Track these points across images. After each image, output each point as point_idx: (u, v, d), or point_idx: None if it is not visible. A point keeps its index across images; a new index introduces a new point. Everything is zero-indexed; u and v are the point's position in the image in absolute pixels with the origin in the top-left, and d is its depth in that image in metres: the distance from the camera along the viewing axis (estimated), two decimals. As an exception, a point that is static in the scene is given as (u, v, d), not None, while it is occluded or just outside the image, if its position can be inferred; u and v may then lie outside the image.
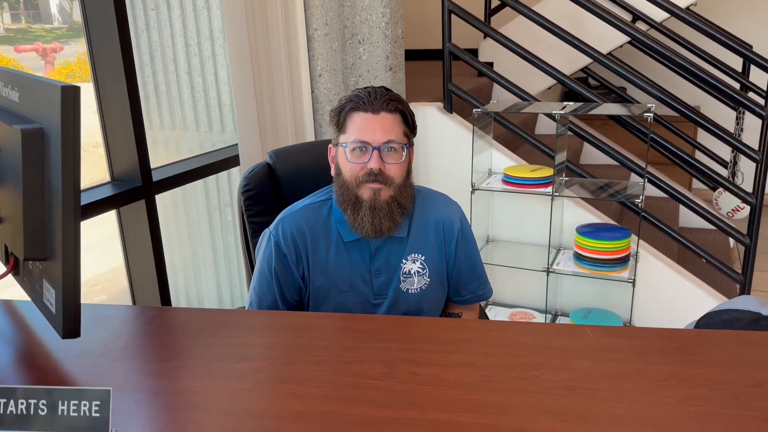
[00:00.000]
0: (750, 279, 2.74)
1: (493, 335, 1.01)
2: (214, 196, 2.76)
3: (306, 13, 2.57)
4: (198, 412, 0.83)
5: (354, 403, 0.83)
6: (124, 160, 2.15)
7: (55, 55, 2.59)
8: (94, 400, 0.79)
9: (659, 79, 3.75)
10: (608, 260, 2.57)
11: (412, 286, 1.48)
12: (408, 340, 1.01)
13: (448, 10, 2.78)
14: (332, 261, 1.47)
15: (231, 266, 2.85)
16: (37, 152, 0.89)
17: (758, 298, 1.16)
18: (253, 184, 1.83)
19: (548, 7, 3.45)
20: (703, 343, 0.94)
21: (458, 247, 1.53)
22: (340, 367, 0.93)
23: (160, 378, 0.91)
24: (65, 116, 0.83)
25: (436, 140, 2.89)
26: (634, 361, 0.90)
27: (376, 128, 1.38)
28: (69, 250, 0.88)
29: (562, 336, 0.99)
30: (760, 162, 2.62)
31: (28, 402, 0.80)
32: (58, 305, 0.90)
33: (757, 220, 2.68)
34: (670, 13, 2.88)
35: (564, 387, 0.85)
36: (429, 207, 1.54)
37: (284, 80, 2.49)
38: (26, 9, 2.52)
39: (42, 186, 0.90)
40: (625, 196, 2.55)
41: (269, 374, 0.92)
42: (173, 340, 1.04)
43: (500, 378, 0.88)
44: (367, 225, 1.38)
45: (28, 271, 1.03)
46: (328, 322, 1.12)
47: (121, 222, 2.24)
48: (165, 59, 2.56)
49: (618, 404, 0.81)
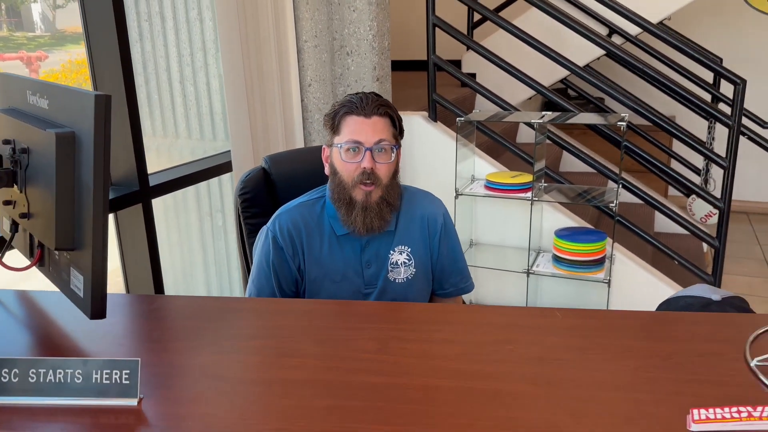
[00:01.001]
0: (720, 280, 2.89)
1: (473, 317, 1.14)
2: (206, 202, 2.86)
3: (296, 25, 2.68)
4: (215, 381, 0.94)
5: (352, 373, 0.95)
6: (122, 165, 2.24)
7: (39, 64, 2.64)
8: (124, 369, 0.90)
9: (637, 90, 3.91)
10: (584, 262, 2.71)
11: (399, 276, 1.60)
12: (398, 321, 1.13)
13: (432, 24, 2.92)
14: (326, 253, 1.58)
15: (221, 270, 2.94)
16: (70, 154, 1.00)
17: (710, 286, 1.30)
18: (249, 187, 1.93)
19: (530, 20, 3.60)
20: (657, 322, 1.07)
21: (441, 241, 1.66)
22: (339, 344, 1.05)
23: (179, 354, 1.02)
24: (98, 121, 0.94)
25: (422, 147, 3.02)
26: (596, 337, 1.03)
27: (368, 130, 1.51)
28: (99, 240, 0.98)
29: (533, 317, 1.11)
30: (727, 168, 2.77)
31: (66, 371, 0.90)
32: (86, 290, 1.01)
33: (726, 223, 2.84)
34: (642, 28, 3.04)
35: (534, 358, 0.97)
36: (415, 203, 1.67)
37: (275, 90, 2.60)
38: (8, 17, 2.57)
39: (73, 183, 1.01)
40: (601, 201, 2.70)
41: (276, 350, 1.03)
42: (188, 323, 1.15)
43: (478, 351, 1.00)
44: (359, 224, 1.51)
45: (54, 261, 1.13)
46: (327, 307, 1.24)
47: (119, 225, 2.34)
48: (158, 69, 2.65)
49: (581, 371, 0.94)
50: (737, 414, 0.81)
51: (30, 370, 0.91)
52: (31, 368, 0.91)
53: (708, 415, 0.81)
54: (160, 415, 0.87)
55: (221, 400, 0.89)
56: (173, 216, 2.79)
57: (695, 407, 0.82)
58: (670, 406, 0.84)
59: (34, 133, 1.06)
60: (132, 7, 2.58)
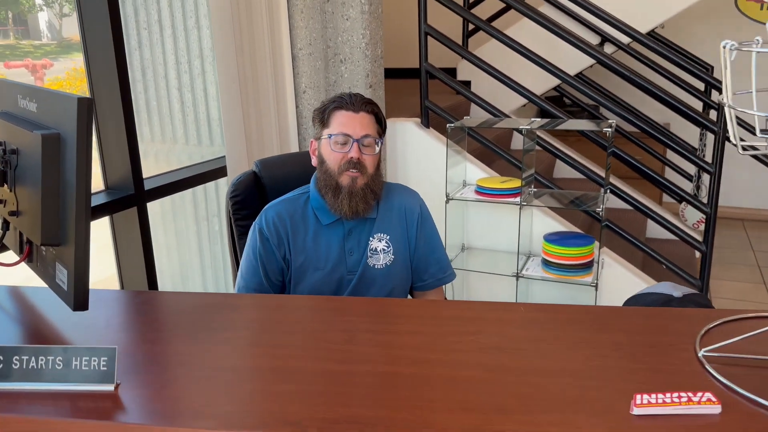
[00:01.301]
0: (707, 284, 2.93)
1: (440, 311, 1.19)
2: (202, 207, 2.92)
3: (291, 33, 2.75)
4: (188, 368, 0.99)
5: (319, 361, 1.00)
6: (118, 170, 2.30)
7: (44, 71, 2.69)
8: (102, 357, 0.95)
9: (632, 98, 3.96)
10: (573, 266, 2.75)
11: (378, 262, 1.69)
12: (369, 315, 1.19)
13: (425, 32, 2.98)
14: (310, 242, 1.68)
15: (218, 274, 2.99)
16: (55, 153, 1.05)
17: (674, 284, 1.34)
18: (240, 190, 2.00)
19: (524, 28, 3.65)
20: (613, 316, 1.12)
21: (419, 230, 1.76)
22: (309, 335, 1.10)
23: (155, 344, 1.07)
24: (80, 123, 1.00)
25: (414, 153, 3.08)
26: (554, 329, 1.08)
27: (356, 124, 1.62)
28: (81, 235, 1.04)
29: (498, 311, 1.16)
30: (713, 174, 2.82)
31: (47, 358, 0.96)
32: (69, 283, 1.06)
33: (712, 228, 2.87)
34: (631, 37, 3.09)
35: (494, 347, 1.02)
36: (394, 195, 1.78)
37: (270, 97, 2.66)
38: (15, 25, 2.62)
39: (58, 182, 1.07)
40: (589, 206, 2.74)
41: (248, 340, 1.08)
42: (166, 316, 1.20)
43: (441, 341, 1.05)
44: (345, 207, 1.62)
45: (41, 257, 1.19)
46: (300, 302, 1.30)
47: (114, 228, 2.40)
48: (156, 76, 2.72)
49: (536, 360, 0.98)
50: (678, 399, 0.86)
51: (14, 357, 0.96)
52: (15, 355, 0.96)
53: (650, 399, 0.86)
54: (134, 399, 0.92)
55: (191, 385, 0.94)
56: (170, 220, 2.84)
57: (640, 393, 0.87)
58: (615, 392, 0.89)
59: (22, 134, 1.12)
60: (132, 16, 2.65)
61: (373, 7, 2.81)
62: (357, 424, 0.83)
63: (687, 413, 0.84)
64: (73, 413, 0.89)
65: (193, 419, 0.86)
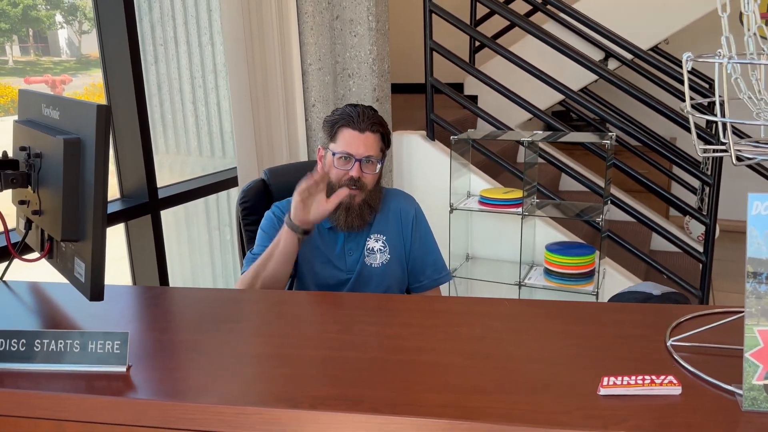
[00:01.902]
0: (707, 294, 2.97)
1: (431, 306, 1.27)
2: (214, 217, 3.02)
3: (301, 49, 2.86)
4: (194, 353, 1.07)
5: (313, 349, 1.08)
6: (133, 178, 2.41)
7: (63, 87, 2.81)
8: (115, 341, 1.04)
9: (637, 112, 4.01)
10: (574, 275, 2.81)
11: (375, 261, 1.78)
12: (363, 308, 1.27)
13: (430, 48, 3.08)
14: (315, 238, 1.78)
15: (229, 282, 3.08)
16: (75, 156, 1.15)
17: (655, 284, 1.41)
18: (249, 197, 2.09)
19: (529, 43, 3.74)
20: (592, 311, 1.19)
21: (414, 231, 1.85)
22: (306, 326, 1.19)
23: (164, 332, 1.16)
24: (99, 128, 1.10)
25: (420, 164, 3.17)
26: (535, 322, 1.15)
27: (360, 144, 1.70)
28: (98, 231, 1.13)
29: (484, 306, 1.24)
30: (712, 186, 2.88)
31: (65, 342, 1.05)
32: (87, 275, 1.16)
33: (712, 239, 2.93)
34: (632, 53, 3.17)
35: (476, 337, 1.10)
36: (390, 199, 1.87)
37: (280, 110, 2.77)
38: (35, 42, 2.73)
39: (78, 183, 1.16)
40: (590, 217, 2.81)
41: (250, 331, 1.17)
42: (174, 309, 1.30)
43: (428, 332, 1.13)
44: (341, 221, 1.71)
45: (60, 253, 1.29)
46: (300, 297, 1.38)
47: (129, 235, 2.50)
48: (172, 90, 2.84)
49: (515, 349, 1.06)
50: (641, 381, 0.93)
51: (35, 341, 1.05)
52: (36, 339, 1.05)
53: (616, 381, 0.93)
54: (144, 379, 1.00)
55: (197, 369, 1.02)
56: (183, 229, 2.94)
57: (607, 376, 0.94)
58: (585, 376, 0.96)
59: (46, 139, 1.22)
60: (148, 33, 2.77)
61: (380, 24, 2.92)
62: (345, 401, 0.91)
63: (649, 394, 0.91)
64: (89, 390, 0.97)
65: (196, 396, 0.94)
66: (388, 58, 3.05)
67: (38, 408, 0.98)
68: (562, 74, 3.27)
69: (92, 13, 2.33)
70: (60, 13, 2.80)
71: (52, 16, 2.77)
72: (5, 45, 2.48)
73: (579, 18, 3.25)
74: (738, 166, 1.02)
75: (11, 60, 2.56)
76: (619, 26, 3.35)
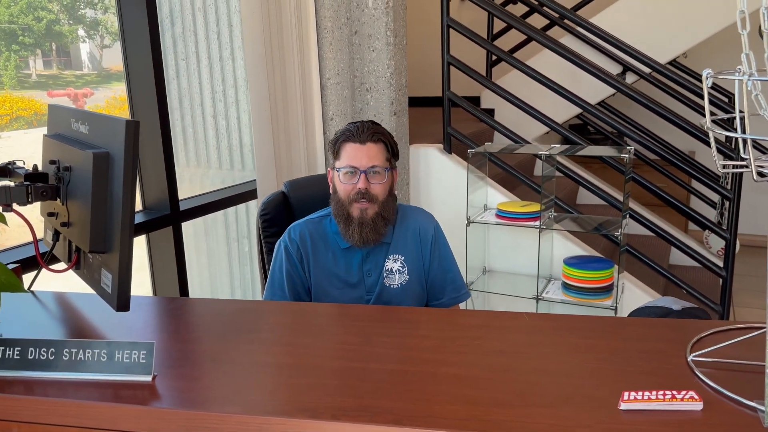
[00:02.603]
0: (727, 309, 2.94)
1: (450, 318, 1.28)
2: (233, 229, 3.05)
3: (320, 64, 2.89)
4: (217, 363, 1.09)
5: (334, 359, 1.10)
6: (155, 191, 2.45)
7: (85, 100, 2.86)
8: (141, 350, 1.06)
9: (656, 126, 4.00)
10: (592, 289, 2.80)
11: (393, 282, 1.77)
12: (385, 321, 1.28)
13: (447, 62, 3.11)
14: (330, 264, 1.76)
15: (246, 293, 3.11)
16: (104, 170, 1.18)
17: (675, 299, 1.41)
18: (269, 209, 2.12)
19: (547, 57, 3.74)
20: (613, 326, 1.19)
21: (433, 250, 1.83)
22: (328, 337, 1.20)
23: (188, 343, 1.18)
24: (128, 142, 1.13)
25: (436, 177, 3.18)
26: (555, 336, 1.16)
27: (362, 156, 1.70)
28: (125, 244, 1.16)
29: (503, 319, 1.25)
30: (732, 200, 2.86)
31: (92, 351, 1.07)
32: (114, 286, 1.18)
33: (732, 253, 2.90)
34: (651, 68, 3.17)
35: (496, 351, 1.11)
36: (409, 217, 1.86)
37: (299, 124, 2.80)
38: (58, 56, 2.78)
39: (106, 196, 1.19)
40: (609, 231, 2.80)
41: (271, 341, 1.19)
42: (197, 319, 1.32)
43: (448, 345, 1.14)
44: (356, 237, 1.69)
45: (88, 264, 1.31)
46: (321, 309, 1.40)
47: (150, 246, 2.54)
48: (193, 104, 2.88)
49: (535, 362, 1.06)
50: (662, 396, 0.93)
51: (63, 350, 1.07)
52: (64, 348, 1.08)
53: (637, 396, 0.93)
54: (169, 389, 1.02)
55: (220, 378, 1.04)
56: (203, 240, 2.98)
57: (628, 391, 0.94)
58: (606, 391, 0.96)
59: (75, 153, 1.25)
60: (170, 48, 2.83)
61: (398, 38, 2.95)
62: (366, 412, 0.92)
63: (670, 409, 0.91)
64: (115, 399, 0.99)
65: (220, 405, 0.96)
66: (405, 72, 3.08)
67: (66, 416, 1.00)
68: (580, 88, 3.28)
69: (113, 27, 2.38)
70: (82, 28, 2.86)
71: (75, 31, 2.83)
72: (29, 59, 2.53)
73: (596, 32, 3.26)
74: (760, 182, 1.02)
75: (35, 74, 2.62)
76: (637, 40, 3.35)
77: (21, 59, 2.47)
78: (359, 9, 2.92)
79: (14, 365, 1.08)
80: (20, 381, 1.06)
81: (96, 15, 2.88)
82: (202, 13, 2.81)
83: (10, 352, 1.08)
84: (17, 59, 2.43)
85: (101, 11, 2.84)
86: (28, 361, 1.08)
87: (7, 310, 1.31)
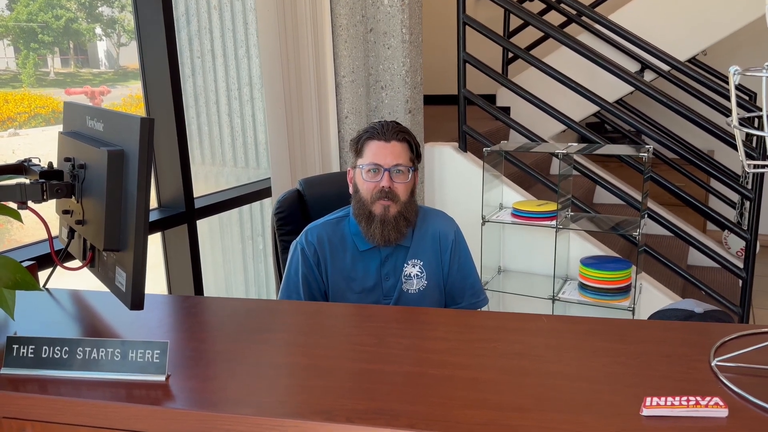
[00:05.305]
0: (747, 311, 2.90)
1: (466, 320, 1.26)
2: (248, 227, 3.05)
3: (335, 62, 2.88)
4: (231, 363, 1.08)
5: (349, 361, 1.08)
6: (171, 188, 2.45)
7: (102, 98, 2.87)
8: (155, 350, 1.05)
9: (674, 124, 3.95)
10: (609, 290, 2.76)
11: (412, 287, 1.74)
12: (397, 321, 1.26)
13: (463, 60, 3.08)
14: (348, 267, 1.74)
15: (260, 291, 3.11)
16: (119, 168, 1.17)
17: (696, 301, 1.38)
18: (284, 207, 2.11)
19: (564, 54, 3.71)
20: (633, 329, 1.17)
21: (452, 256, 1.79)
22: (342, 338, 1.18)
23: (202, 342, 1.17)
24: (143, 140, 1.12)
25: (451, 176, 3.16)
26: (574, 339, 1.13)
27: (387, 154, 1.68)
28: (140, 242, 1.15)
29: (521, 321, 1.22)
30: (753, 200, 2.81)
31: (106, 350, 1.06)
32: (128, 284, 1.18)
33: (753, 254, 2.85)
34: (670, 65, 3.12)
35: (514, 353, 1.08)
36: (428, 221, 1.82)
37: (314, 122, 2.79)
38: (75, 54, 2.79)
39: (120, 194, 1.19)
40: (626, 230, 2.76)
41: (286, 341, 1.17)
42: (212, 318, 1.31)
43: (465, 347, 1.12)
44: (377, 235, 1.67)
45: (102, 262, 1.31)
46: (335, 309, 1.38)
47: (165, 244, 2.54)
48: (208, 102, 2.88)
49: (553, 365, 1.04)
50: (686, 402, 0.90)
51: (77, 348, 1.07)
52: (78, 347, 1.07)
53: (659, 402, 0.91)
54: (183, 389, 1.01)
55: (234, 379, 1.03)
56: (217, 238, 2.98)
57: (650, 396, 0.92)
58: (627, 396, 0.94)
59: (90, 151, 1.24)
60: (186, 46, 2.83)
61: (413, 36, 2.93)
62: (383, 415, 0.90)
63: (694, 415, 0.88)
64: (128, 399, 0.99)
65: (234, 407, 0.94)
66: (420, 70, 3.05)
67: (79, 415, 1.00)
68: (597, 86, 3.24)
69: (130, 26, 2.38)
70: (99, 26, 2.87)
71: (92, 29, 2.84)
72: (47, 57, 2.54)
73: (615, 29, 3.22)
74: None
75: (53, 72, 2.63)
76: (656, 37, 3.31)
77: (39, 57, 2.48)
78: (374, 6, 2.90)
79: (28, 364, 1.07)
80: (34, 380, 1.05)
81: (113, 13, 2.89)
82: (218, 11, 2.81)
83: (24, 350, 1.08)
84: (36, 57, 2.44)
85: (118, 9, 2.85)
86: (42, 359, 1.07)
87: (22, 307, 1.30)
